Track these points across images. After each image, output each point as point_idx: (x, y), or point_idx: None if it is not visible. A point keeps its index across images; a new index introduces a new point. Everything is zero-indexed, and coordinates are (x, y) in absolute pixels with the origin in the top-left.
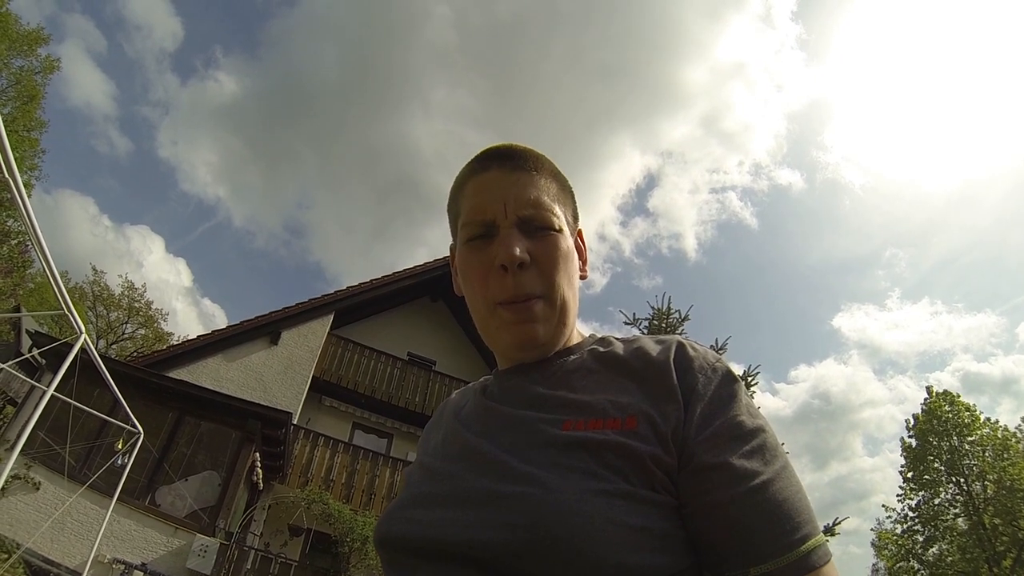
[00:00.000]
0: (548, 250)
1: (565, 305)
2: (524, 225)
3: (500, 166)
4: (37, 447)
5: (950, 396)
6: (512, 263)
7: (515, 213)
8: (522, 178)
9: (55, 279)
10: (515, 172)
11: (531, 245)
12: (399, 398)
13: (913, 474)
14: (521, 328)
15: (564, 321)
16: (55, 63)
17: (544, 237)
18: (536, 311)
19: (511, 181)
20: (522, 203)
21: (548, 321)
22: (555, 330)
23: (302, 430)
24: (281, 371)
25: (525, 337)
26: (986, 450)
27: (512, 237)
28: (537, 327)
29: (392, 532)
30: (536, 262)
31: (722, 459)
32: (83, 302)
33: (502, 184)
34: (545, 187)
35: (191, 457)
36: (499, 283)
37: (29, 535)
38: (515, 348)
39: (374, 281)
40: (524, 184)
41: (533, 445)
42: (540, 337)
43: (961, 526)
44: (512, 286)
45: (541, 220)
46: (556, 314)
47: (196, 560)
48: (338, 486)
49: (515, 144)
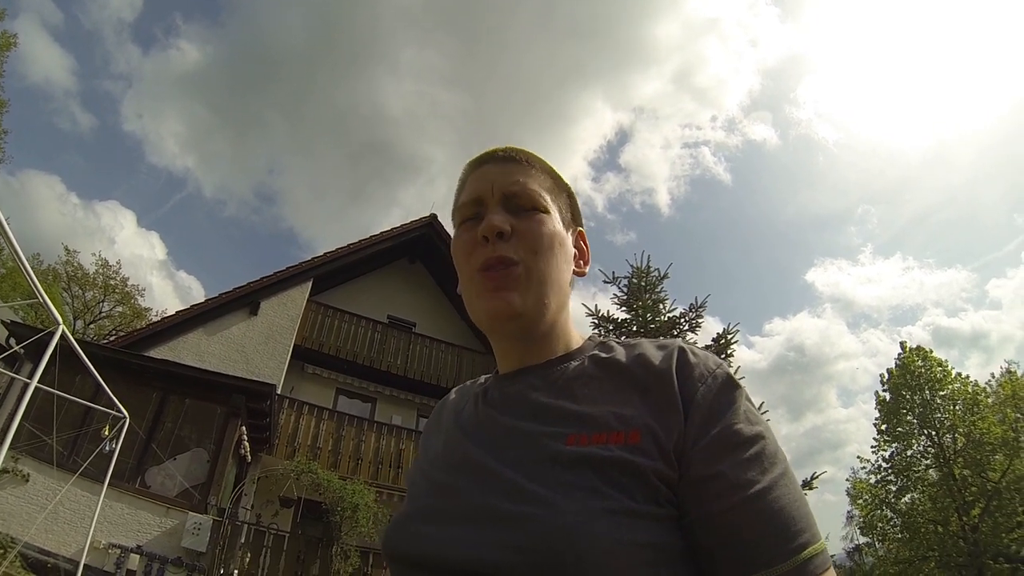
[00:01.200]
0: (531, 225)
1: (546, 282)
2: (509, 202)
3: (494, 161)
4: (23, 439)
5: (923, 352)
6: (491, 231)
7: (500, 191)
8: (512, 167)
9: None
10: (506, 162)
11: (515, 221)
12: (381, 362)
13: (887, 426)
14: (496, 296)
15: (544, 299)
16: (12, 39)
17: (529, 216)
18: (512, 277)
19: (501, 169)
20: (508, 183)
21: (525, 291)
22: (534, 305)
23: (286, 399)
24: (262, 341)
25: (500, 304)
26: (956, 404)
27: (496, 211)
28: (513, 296)
29: (400, 548)
30: (518, 234)
31: (718, 469)
32: (57, 283)
33: (493, 172)
34: (535, 177)
35: (178, 436)
36: (480, 251)
37: (23, 528)
38: (491, 317)
39: (351, 245)
40: (513, 171)
41: (537, 460)
42: (516, 306)
43: (932, 477)
44: (490, 251)
45: (526, 198)
46: (534, 286)
47: (191, 538)
48: (325, 453)
49: (510, 146)
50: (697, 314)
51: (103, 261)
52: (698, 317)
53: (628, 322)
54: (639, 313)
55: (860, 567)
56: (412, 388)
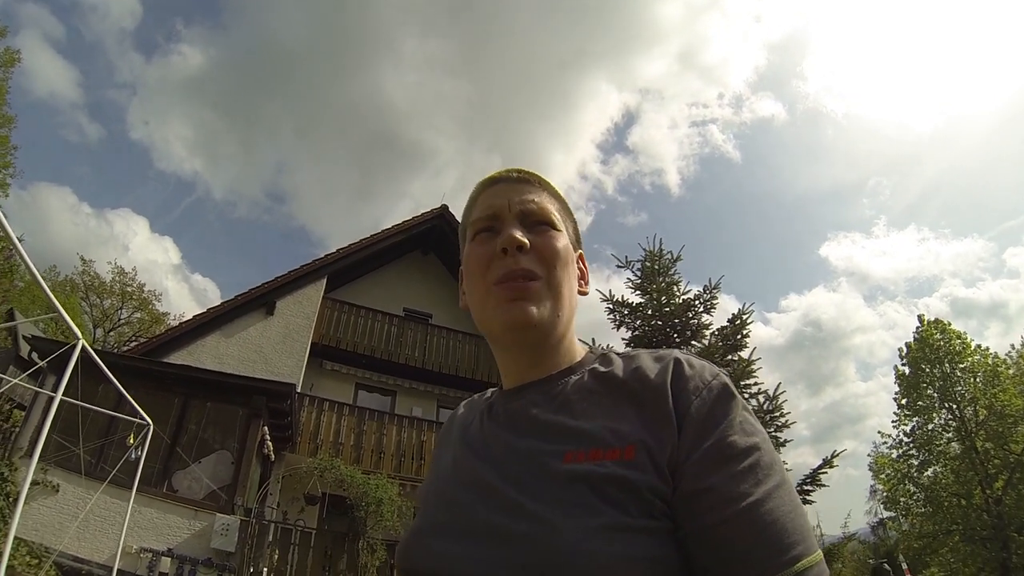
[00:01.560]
0: (547, 241)
1: (559, 292)
2: (525, 219)
3: (508, 181)
4: (51, 450)
5: (941, 324)
6: (512, 244)
7: (517, 208)
8: (526, 187)
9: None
10: (520, 183)
11: (532, 237)
12: (399, 355)
13: (907, 400)
14: (515, 305)
15: (558, 311)
16: (15, 55)
17: (544, 231)
18: (532, 290)
19: (516, 188)
20: (524, 200)
21: (543, 303)
22: (550, 317)
23: (306, 397)
24: (280, 341)
25: (519, 314)
26: (977, 376)
27: (514, 226)
28: (531, 307)
29: (412, 563)
30: (535, 249)
31: (710, 482)
32: (75, 294)
33: (508, 190)
34: (547, 199)
35: (202, 439)
36: (500, 264)
37: (55, 538)
38: (507, 327)
39: (363, 240)
40: (527, 190)
41: (537, 478)
42: (534, 317)
43: (954, 450)
44: (512, 263)
45: (542, 215)
46: (551, 299)
47: (219, 539)
48: (347, 449)
49: (524, 168)
50: (712, 295)
51: (119, 269)
52: (712, 298)
53: (643, 306)
54: (653, 296)
55: (884, 541)
56: (431, 380)
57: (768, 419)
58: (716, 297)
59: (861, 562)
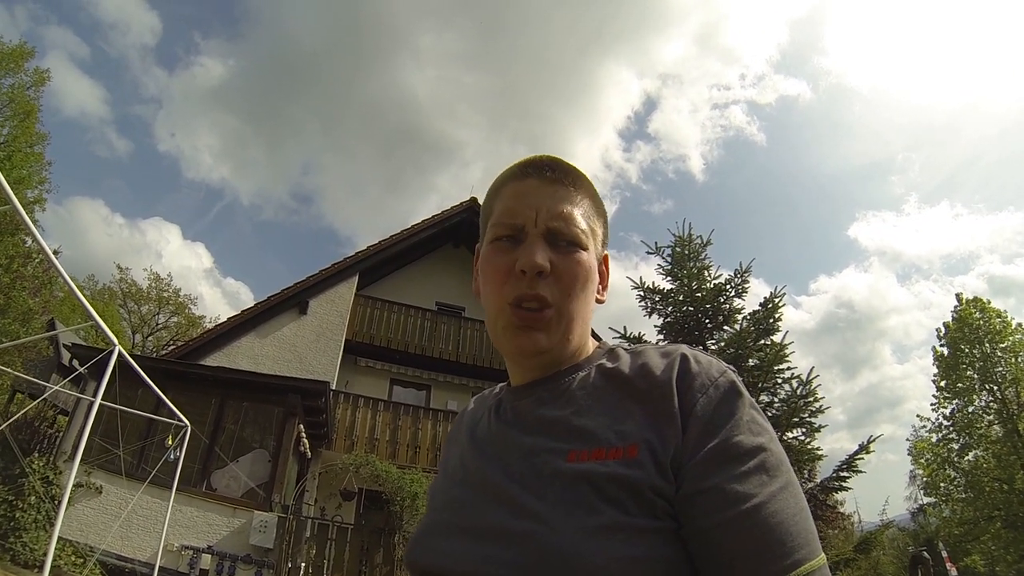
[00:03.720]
0: (570, 265)
1: (573, 321)
2: (552, 236)
3: (539, 176)
4: (93, 453)
5: (980, 303)
6: (532, 269)
7: (545, 223)
8: (559, 191)
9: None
10: (553, 184)
11: (555, 257)
12: (433, 349)
13: (946, 383)
14: (524, 334)
15: (569, 336)
16: (45, 75)
17: (569, 252)
18: (544, 319)
19: (547, 192)
20: (554, 215)
21: (553, 333)
22: (559, 343)
23: (341, 394)
24: (314, 339)
25: (528, 343)
26: (1019, 356)
27: (537, 245)
28: (540, 336)
29: (418, 560)
30: (555, 273)
31: (712, 483)
32: (113, 301)
33: (538, 193)
34: (580, 203)
35: (239, 438)
36: (516, 284)
37: (99, 537)
38: (516, 353)
39: (393, 236)
40: (560, 197)
41: (540, 477)
42: (542, 346)
43: (996, 433)
44: (527, 287)
45: (569, 235)
46: (563, 327)
47: (258, 536)
48: (382, 444)
49: (558, 158)
50: (743, 279)
51: (155, 275)
52: (744, 282)
53: (674, 292)
54: (684, 282)
55: (924, 528)
56: (466, 373)
57: (802, 404)
58: (747, 281)
59: (900, 549)
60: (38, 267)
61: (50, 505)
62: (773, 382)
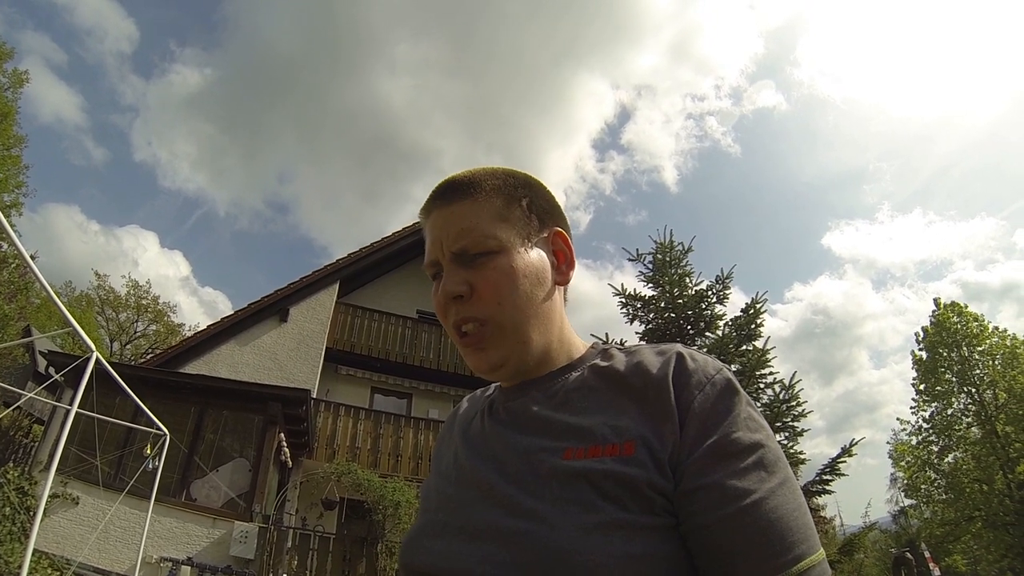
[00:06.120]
0: (487, 275)
1: (521, 325)
2: (460, 258)
3: (439, 205)
4: (69, 463)
5: (958, 307)
6: (448, 298)
7: (449, 250)
8: (455, 211)
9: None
10: (449, 207)
11: (471, 275)
12: (414, 357)
13: (925, 386)
14: (475, 355)
15: (525, 340)
16: (24, 76)
17: (483, 264)
18: (485, 337)
19: (445, 218)
20: (452, 238)
21: (501, 345)
22: (516, 350)
23: (322, 402)
24: (294, 347)
25: (480, 363)
26: (996, 359)
27: (449, 273)
28: (489, 353)
29: (412, 562)
30: (476, 289)
31: (711, 479)
32: (91, 308)
33: (438, 224)
34: (481, 209)
35: (219, 447)
36: (452, 311)
37: (76, 549)
38: (477, 372)
39: (375, 244)
40: (456, 217)
41: (536, 476)
42: (495, 361)
43: (975, 435)
44: (455, 314)
45: (475, 247)
46: (510, 336)
47: (238, 547)
48: (364, 453)
49: (455, 176)
50: (724, 285)
51: (133, 283)
52: (725, 288)
53: (655, 298)
54: (666, 288)
55: (906, 530)
56: (447, 381)
57: (785, 409)
58: (729, 287)
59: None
60: (14, 272)
61: (25, 516)
62: (756, 387)
